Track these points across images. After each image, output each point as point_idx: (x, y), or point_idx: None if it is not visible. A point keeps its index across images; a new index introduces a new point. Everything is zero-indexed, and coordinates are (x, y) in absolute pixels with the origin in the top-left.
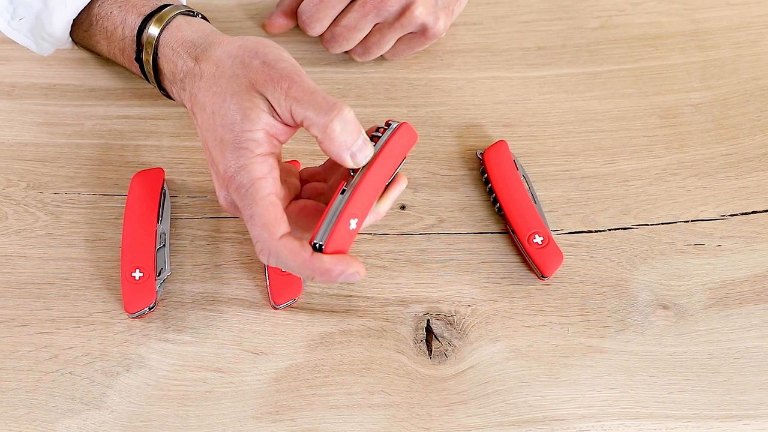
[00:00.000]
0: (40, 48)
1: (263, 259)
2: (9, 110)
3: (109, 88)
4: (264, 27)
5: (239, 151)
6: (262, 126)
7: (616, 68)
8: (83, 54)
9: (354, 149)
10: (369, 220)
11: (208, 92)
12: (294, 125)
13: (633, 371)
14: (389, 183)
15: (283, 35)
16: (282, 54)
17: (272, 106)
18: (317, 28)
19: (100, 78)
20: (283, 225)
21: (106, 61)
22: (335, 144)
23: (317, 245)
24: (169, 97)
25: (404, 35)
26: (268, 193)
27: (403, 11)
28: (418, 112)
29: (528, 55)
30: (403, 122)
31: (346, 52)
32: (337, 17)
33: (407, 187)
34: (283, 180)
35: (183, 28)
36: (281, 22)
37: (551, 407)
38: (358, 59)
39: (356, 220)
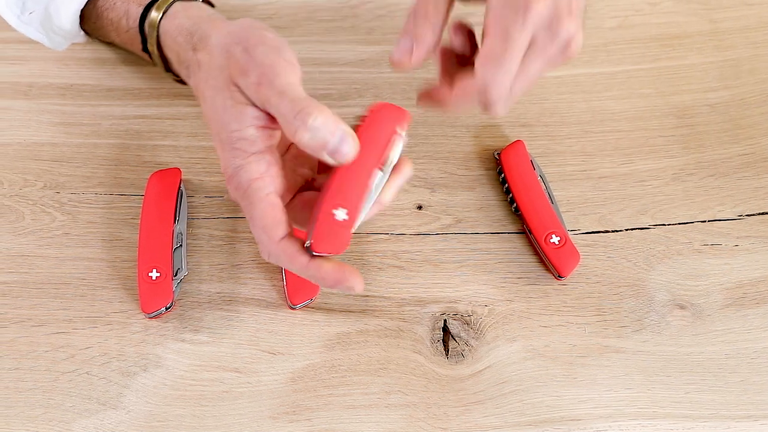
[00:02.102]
0: (52, 42)
1: (266, 259)
2: (26, 110)
3: (126, 88)
4: (394, 63)
5: (234, 152)
6: (250, 122)
7: (634, 68)
8: (100, 54)
9: (330, 147)
10: (373, 210)
11: (206, 84)
12: None
13: (650, 371)
14: (393, 170)
15: (302, 36)
16: (264, 36)
17: (249, 97)
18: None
19: (117, 78)
20: (281, 227)
21: (122, 60)
22: (309, 148)
23: (306, 246)
24: (182, 82)
25: None
26: (267, 193)
27: (568, 43)
28: (435, 111)
29: None
30: (380, 102)
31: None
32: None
33: (424, 187)
34: (292, 170)
35: (179, 16)
36: (415, 61)
37: (568, 407)
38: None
39: (345, 210)
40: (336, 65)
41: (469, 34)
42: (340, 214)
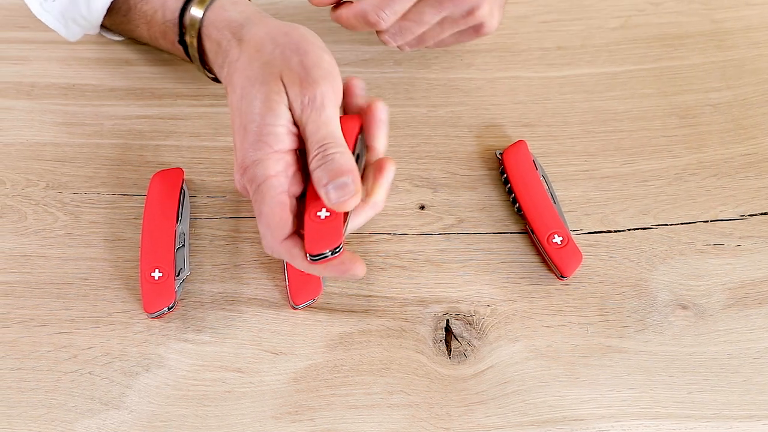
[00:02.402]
0: (69, 32)
1: (268, 253)
2: (28, 110)
3: (128, 88)
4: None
5: (258, 144)
6: (284, 121)
7: (636, 68)
8: (102, 54)
9: (330, 186)
10: (368, 213)
11: (242, 74)
12: None
13: (652, 371)
14: (378, 170)
15: None
16: (322, 57)
17: (290, 104)
18: (390, 20)
19: (120, 78)
20: (287, 227)
21: (125, 60)
22: (317, 182)
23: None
24: (214, 79)
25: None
26: (279, 192)
27: (472, 9)
28: (437, 111)
29: (548, 55)
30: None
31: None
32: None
33: (426, 187)
34: (304, 171)
35: (228, 8)
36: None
37: (570, 407)
38: (408, 49)
39: (325, 209)
40: (338, 65)
41: None
42: (323, 213)
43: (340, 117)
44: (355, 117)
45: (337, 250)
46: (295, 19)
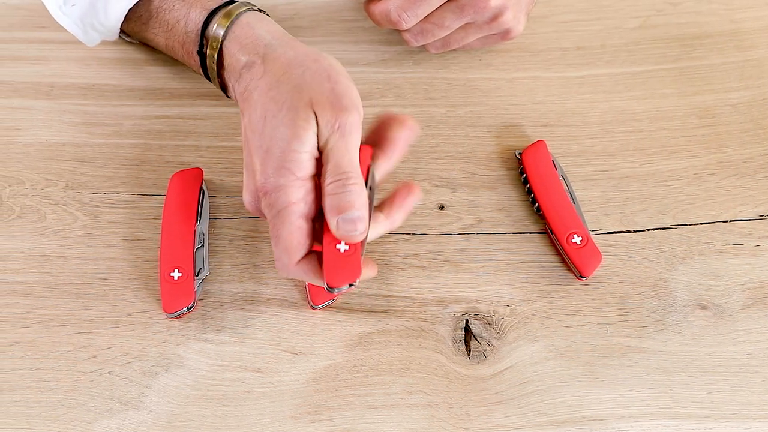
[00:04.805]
0: (87, 37)
1: (280, 275)
2: (48, 110)
3: (147, 88)
4: None
5: (282, 170)
6: (310, 148)
7: (655, 68)
8: (122, 54)
9: (341, 218)
10: (384, 228)
11: (266, 95)
12: None
13: (672, 371)
14: (402, 194)
15: (323, 36)
16: (351, 88)
17: (318, 130)
18: (411, 21)
19: (139, 78)
20: (302, 250)
21: (144, 60)
22: (328, 211)
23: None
24: (224, 92)
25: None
26: (298, 217)
27: (495, 16)
28: (456, 111)
29: (567, 55)
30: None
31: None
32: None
33: (446, 187)
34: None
35: (254, 26)
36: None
37: (590, 407)
38: (432, 51)
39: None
40: (357, 65)
41: None
42: (342, 246)
43: None
44: (366, 147)
45: (355, 283)
46: (314, 20)
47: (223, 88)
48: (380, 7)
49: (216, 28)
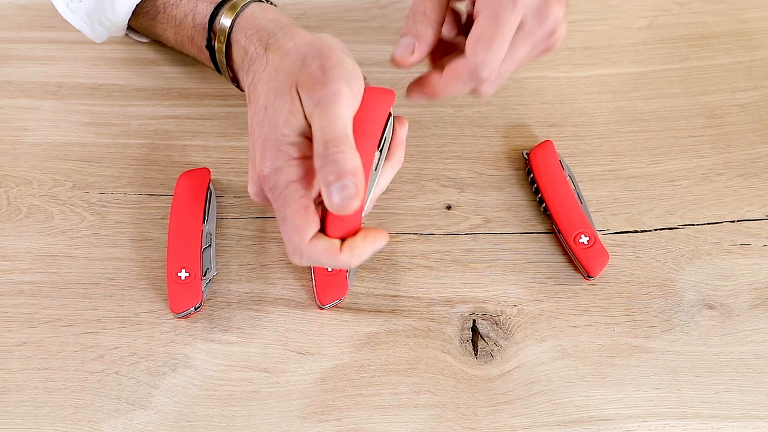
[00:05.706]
0: (94, 33)
1: (294, 261)
2: (55, 110)
3: (155, 88)
4: (396, 62)
5: (278, 153)
6: (299, 131)
7: (663, 68)
8: (129, 54)
9: (332, 187)
10: (391, 171)
11: (267, 85)
12: None
13: (679, 371)
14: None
15: (334, 35)
16: (343, 59)
17: (304, 110)
18: (494, 71)
19: (146, 78)
20: (312, 228)
21: (152, 60)
22: (321, 181)
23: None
24: (238, 86)
25: None
26: (301, 196)
27: (552, 32)
28: (464, 111)
29: (574, 55)
30: (368, 87)
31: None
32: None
33: (453, 187)
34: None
35: (258, 16)
36: (417, 59)
37: (597, 407)
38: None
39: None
40: (365, 65)
41: (456, 19)
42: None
43: (372, 88)
44: (384, 92)
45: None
46: (322, 19)
47: (235, 81)
48: (456, 71)
49: (223, 21)
